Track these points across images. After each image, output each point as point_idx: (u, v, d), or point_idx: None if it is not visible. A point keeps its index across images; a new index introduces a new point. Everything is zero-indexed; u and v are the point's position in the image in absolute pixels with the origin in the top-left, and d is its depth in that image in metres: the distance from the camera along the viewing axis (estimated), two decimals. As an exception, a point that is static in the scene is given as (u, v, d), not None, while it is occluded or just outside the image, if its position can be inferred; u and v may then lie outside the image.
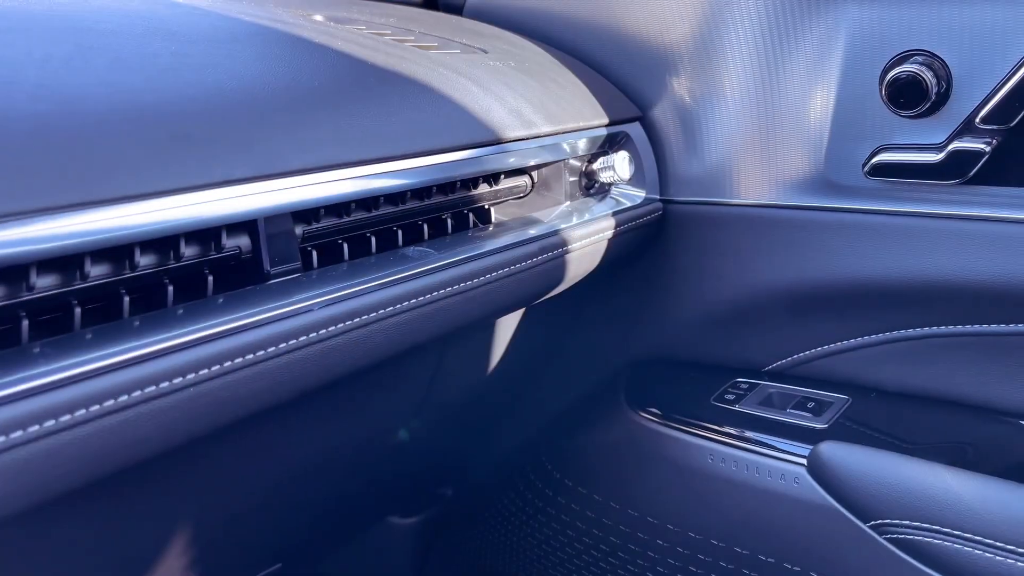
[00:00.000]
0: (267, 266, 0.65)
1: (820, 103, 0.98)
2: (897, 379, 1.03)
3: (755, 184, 1.03)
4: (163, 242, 0.59)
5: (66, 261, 0.54)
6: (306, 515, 1.12)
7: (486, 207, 0.92)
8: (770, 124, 1.01)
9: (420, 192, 0.81)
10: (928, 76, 0.91)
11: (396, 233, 0.80)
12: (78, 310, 0.55)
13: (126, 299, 0.58)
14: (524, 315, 1.08)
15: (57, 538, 0.71)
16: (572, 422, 1.21)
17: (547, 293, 0.95)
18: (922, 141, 0.94)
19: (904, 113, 0.94)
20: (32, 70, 0.55)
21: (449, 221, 0.85)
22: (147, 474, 0.72)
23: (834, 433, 0.96)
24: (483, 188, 0.90)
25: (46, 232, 0.49)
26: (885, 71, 0.94)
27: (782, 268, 1.03)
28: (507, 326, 1.08)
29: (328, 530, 1.26)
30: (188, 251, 0.61)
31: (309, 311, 0.64)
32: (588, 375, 1.23)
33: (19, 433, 0.47)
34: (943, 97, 0.92)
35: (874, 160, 0.97)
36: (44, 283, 0.53)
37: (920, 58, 0.92)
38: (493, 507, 1.26)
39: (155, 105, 0.58)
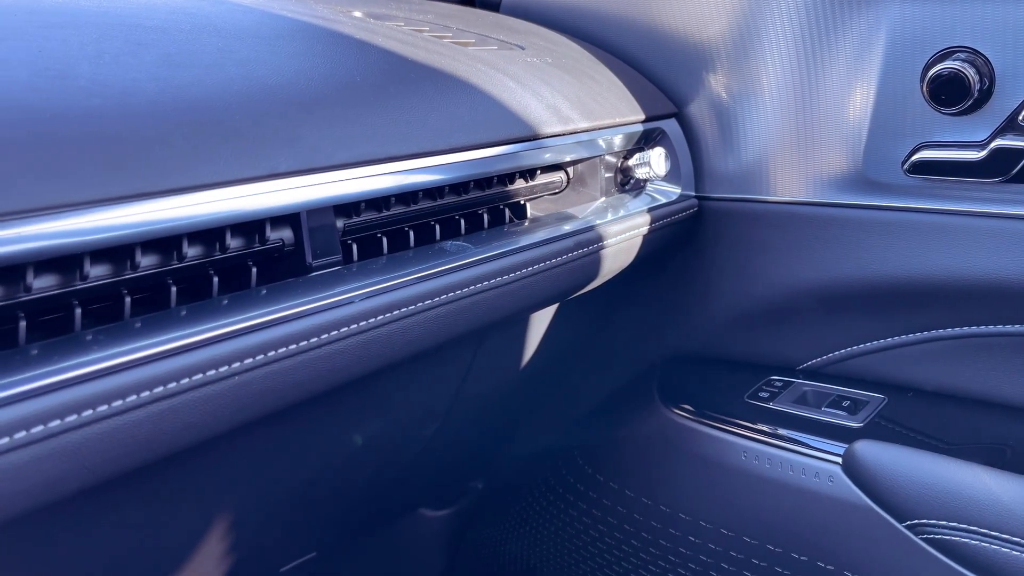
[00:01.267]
0: (309, 258, 0.66)
1: (859, 100, 0.97)
2: (934, 379, 1.02)
3: (791, 181, 1.02)
4: (209, 234, 0.61)
5: (117, 252, 0.56)
6: (340, 505, 1.13)
7: (522, 202, 0.93)
8: (808, 121, 1.00)
9: (457, 187, 0.82)
10: (970, 73, 0.90)
11: (434, 227, 0.81)
12: (128, 299, 0.57)
13: (173, 289, 0.59)
14: (558, 310, 1.09)
15: (103, 524, 0.73)
16: (604, 417, 1.21)
17: (581, 288, 0.95)
18: (964, 139, 0.93)
19: (945, 110, 0.93)
20: (85, 65, 0.57)
21: (485, 216, 0.86)
22: (188, 463, 0.73)
23: (870, 432, 0.95)
24: (519, 183, 0.91)
25: (100, 223, 0.50)
26: (927, 68, 0.93)
27: (818, 266, 1.03)
28: (541, 321, 1.08)
29: (361, 521, 1.28)
30: (233, 243, 0.62)
31: (350, 303, 0.65)
32: (621, 371, 1.23)
33: (74, 417, 0.49)
34: (985, 94, 0.91)
35: (914, 157, 0.96)
36: (97, 272, 0.54)
37: (962, 55, 0.91)
38: (524, 501, 1.27)
39: (203, 100, 0.59)
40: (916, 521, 0.87)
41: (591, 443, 1.19)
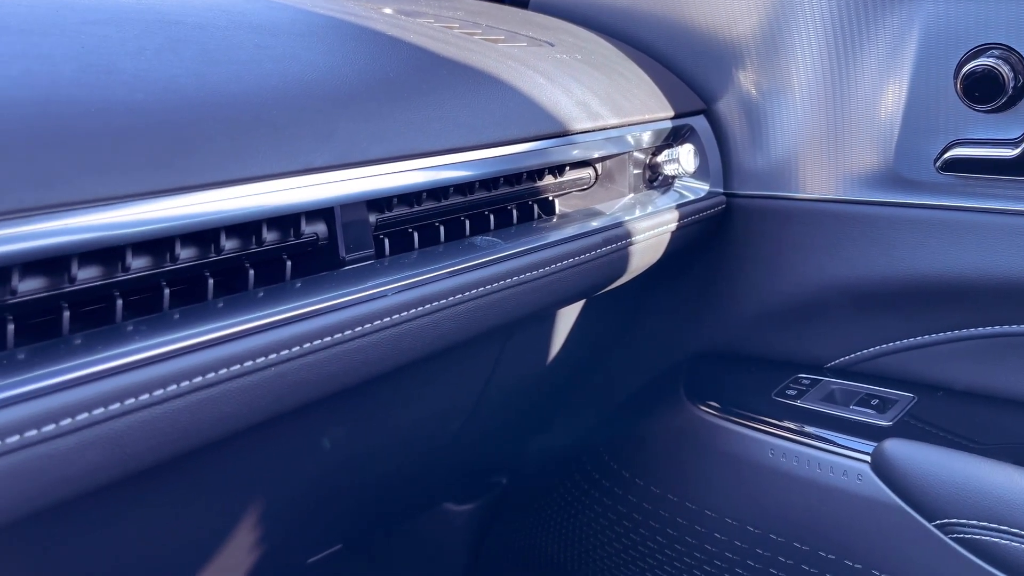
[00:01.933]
0: (343, 252, 0.67)
1: (891, 97, 0.97)
2: (965, 378, 1.01)
3: (821, 178, 1.02)
4: (246, 227, 0.61)
5: (158, 244, 0.57)
6: (366, 498, 1.14)
7: (550, 198, 0.93)
8: (839, 118, 1.00)
9: (487, 182, 0.83)
10: (1005, 70, 0.89)
11: (463, 223, 0.81)
12: (167, 291, 0.58)
13: (210, 282, 0.60)
14: (585, 306, 1.09)
15: (133, 515, 0.74)
16: (630, 414, 1.21)
17: (609, 284, 0.96)
18: (997, 136, 0.92)
19: (979, 108, 0.92)
20: (128, 61, 0.58)
21: (514, 212, 0.87)
22: (220, 454, 0.74)
23: (899, 431, 0.95)
24: (548, 180, 0.91)
25: (143, 216, 0.51)
26: (960, 65, 0.92)
27: (847, 264, 1.02)
28: (568, 317, 1.09)
29: (386, 513, 1.29)
30: (269, 236, 0.63)
31: (383, 296, 0.65)
32: (647, 367, 1.23)
33: (117, 405, 0.50)
34: (1020, 91, 0.90)
35: (947, 155, 0.95)
36: (138, 264, 0.55)
37: (997, 52, 0.90)
38: (549, 496, 1.28)
39: (241, 95, 0.60)
40: (946, 520, 0.87)
41: (616, 439, 1.19)
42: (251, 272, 0.62)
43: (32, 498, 0.49)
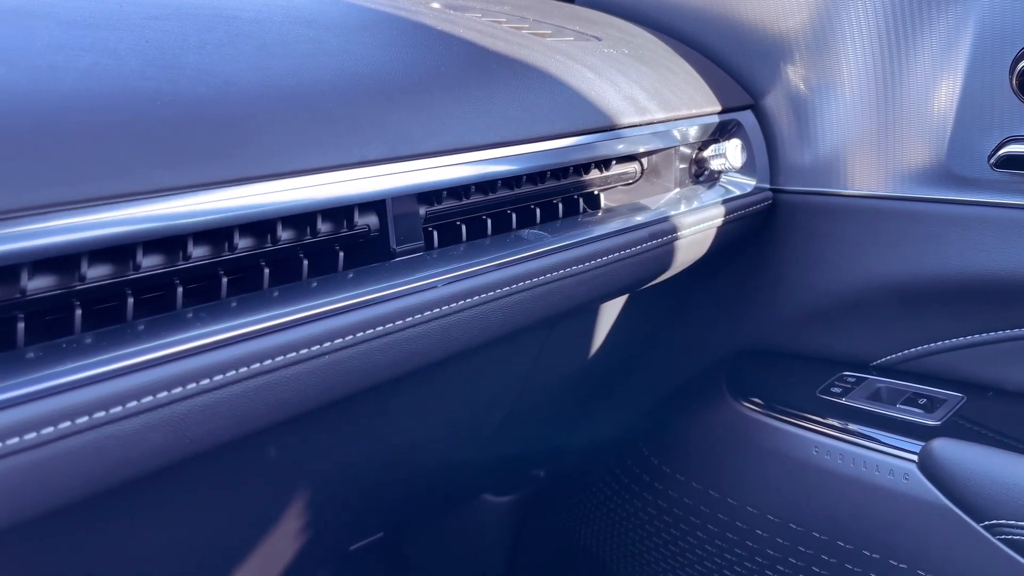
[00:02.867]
0: (393, 244, 0.68)
1: (944, 93, 0.95)
2: (1017, 378, 0.99)
3: (870, 175, 1.01)
4: (302, 218, 0.63)
5: (216, 234, 0.58)
6: (408, 487, 1.16)
7: (595, 192, 0.93)
8: (889, 114, 0.99)
9: (534, 176, 0.83)
10: (1063, 65, 0.87)
11: (510, 216, 0.82)
12: (224, 279, 0.59)
13: (266, 271, 0.62)
14: (628, 301, 1.09)
15: (182, 501, 0.76)
16: (672, 409, 1.21)
17: (654, 279, 0.96)
18: (1054, 132, 0.90)
19: (1035, 103, 0.90)
20: (191, 55, 0.59)
21: (560, 205, 0.87)
22: (269, 442, 0.76)
23: (947, 430, 0.94)
24: (594, 173, 0.91)
25: (204, 206, 0.53)
26: (1016, 60, 0.90)
27: (896, 261, 1.01)
28: (611, 311, 1.09)
29: (427, 503, 1.30)
30: (323, 227, 0.64)
31: (433, 288, 0.66)
32: (689, 363, 1.23)
33: (179, 390, 0.51)
34: (1078, 87, 0.88)
35: (1001, 152, 0.93)
36: (198, 253, 0.57)
37: (1054, 46, 0.89)
38: (587, 490, 1.28)
39: (299, 89, 0.61)
40: (994, 521, 0.85)
41: (658, 434, 1.19)
42: (305, 262, 0.64)
43: (96, 479, 0.51)
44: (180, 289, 0.57)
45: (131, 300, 0.54)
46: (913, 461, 0.91)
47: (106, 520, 0.69)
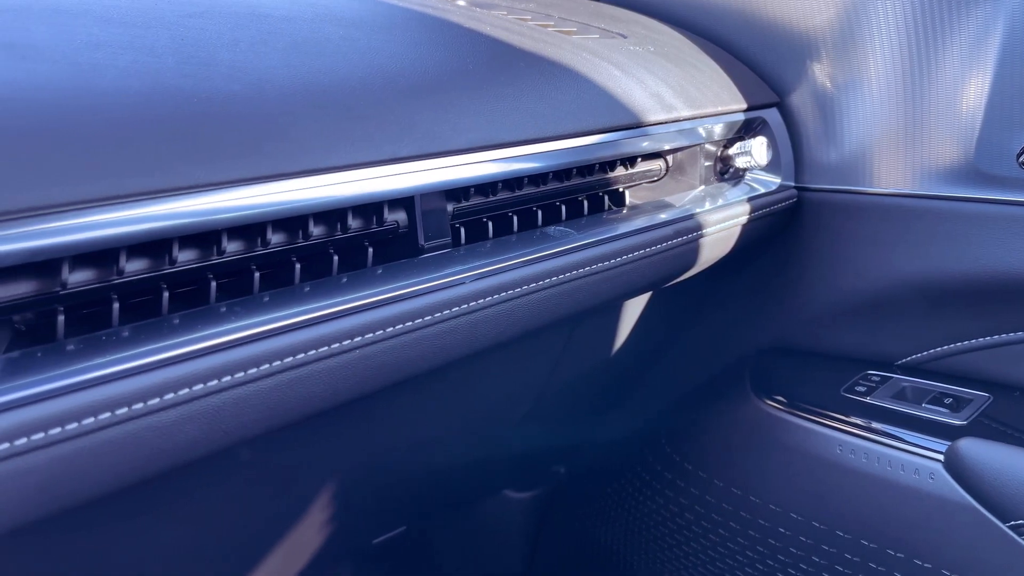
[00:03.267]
0: (422, 240, 0.69)
1: (973, 90, 0.95)
2: (1045, 378, 0.99)
3: (897, 173, 1.00)
4: (331, 214, 0.63)
5: (251, 229, 0.59)
6: (430, 482, 1.17)
7: (621, 189, 0.93)
8: (917, 111, 0.98)
9: (560, 173, 0.84)
10: (1094, 63, 0.86)
11: (535, 213, 0.82)
12: (257, 274, 0.60)
13: (297, 267, 0.62)
14: (652, 298, 1.09)
15: (213, 494, 0.77)
16: (694, 407, 1.21)
17: (678, 276, 0.96)
18: (1085, 131, 0.90)
19: (1065, 101, 0.89)
20: (225, 53, 0.60)
21: (585, 202, 0.87)
22: (296, 437, 0.77)
23: (973, 430, 0.93)
24: (619, 171, 0.92)
25: (240, 202, 0.53)
26: (1047, 57, 0.90)
27: (922, 260, 1.00)
28: (634, 308, 1.09)
29: (449, 498, 1.31)
30: (354, 224, 0.65)
31: (461, 284, 0.67)
32: (712, 361, 1.23)
33: (214, 382, 0.52)
34: (1110, 85, 0.87)
35: (1030, 150, 0.93)
36: (232, 248, 0.58)
37: (1086, 43, 0.88)
38: (608, 487, 1.28)
39: (331, 86, 0.62)
40: (1020, 521, 0.85)
41: (680, 431, 1.20)
42: (335, 258, 0.65)
43: (134, 470, 0.52)
44: (213, 284, 0.57)
45: (166, 294, 0.55)
46: (939, 460, 0.91)
47: (133, 516, 0.70)
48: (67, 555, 0.69)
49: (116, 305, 0.53)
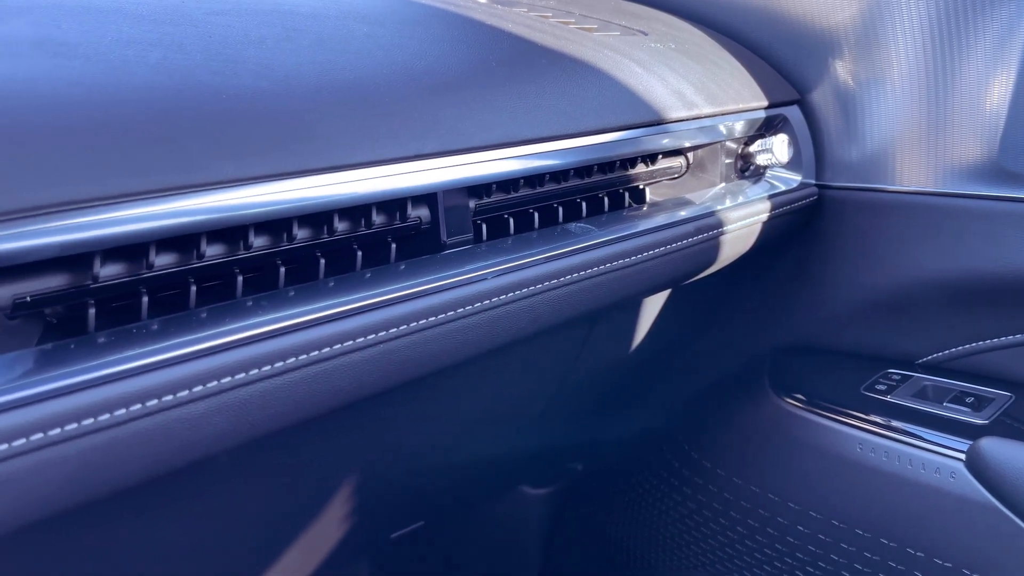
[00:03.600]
0: (444, 236, 0.69)
1: (997, 88, 0.94)
2: (1068, 378, 0.98)
3: (920, 170, 1.00)
4: (357, 210, 0.64)
5: (275, 225, 0.60)
6: (449, 478, 1.17)
7: (641, 186, 0.93)
8: (940, 109, 0.97)
9: (581, 170, 0.84)
10: (1121, 60, 0.85)
11: (556, 209, 0.83)
12: (283, 270, 0.61)
13: (322, 262, 0.63)
14: (671, 295, 1.09)
15: (233, 484, 0.78)
16: (713, 404, 1.21)
17: (698, 274, 0.96)
18: (1111, 129, 0.89)
19: (1091, 99, 0.89)
20: (251, 50, 0.61)
21: (606, 199, 0.88)
22: (318, 431, 0.77)
23: (995, 429, 0.93)
24: (640, 168, 0.92)
25: (268, 197, 0.54)
26: (1072, 54, 0.89)
27: (944, 258, 1.00)
28: (654, 305, 1.09)
29: (467, 493, 1.32)
30: (378, 219, 0.65)
31: (483, 280, 0.67)
32: (731, 358, 1.23)
33: (242, 375, 0.53)
34: None
35: (1055, 148, 0.92)
36: (259, 243, 0.58)
37: (1112, 40, 0.87)
38: (626, 483, 1.28)
39: (357, 83, 0.63)
40: (1043, 522, 0.85)
41: (698, 429, 1.20)
42: (359, 254, 0.65)
43: (163, 461, 0.52)
44: (240, 279, 0.58)
45: (193, 289, 0.56)
46: (960, 460, 0.90)
47: (153, 510, 0.71)
48: (92, 549, 0.70)
49: (145, 299, 0.53)
